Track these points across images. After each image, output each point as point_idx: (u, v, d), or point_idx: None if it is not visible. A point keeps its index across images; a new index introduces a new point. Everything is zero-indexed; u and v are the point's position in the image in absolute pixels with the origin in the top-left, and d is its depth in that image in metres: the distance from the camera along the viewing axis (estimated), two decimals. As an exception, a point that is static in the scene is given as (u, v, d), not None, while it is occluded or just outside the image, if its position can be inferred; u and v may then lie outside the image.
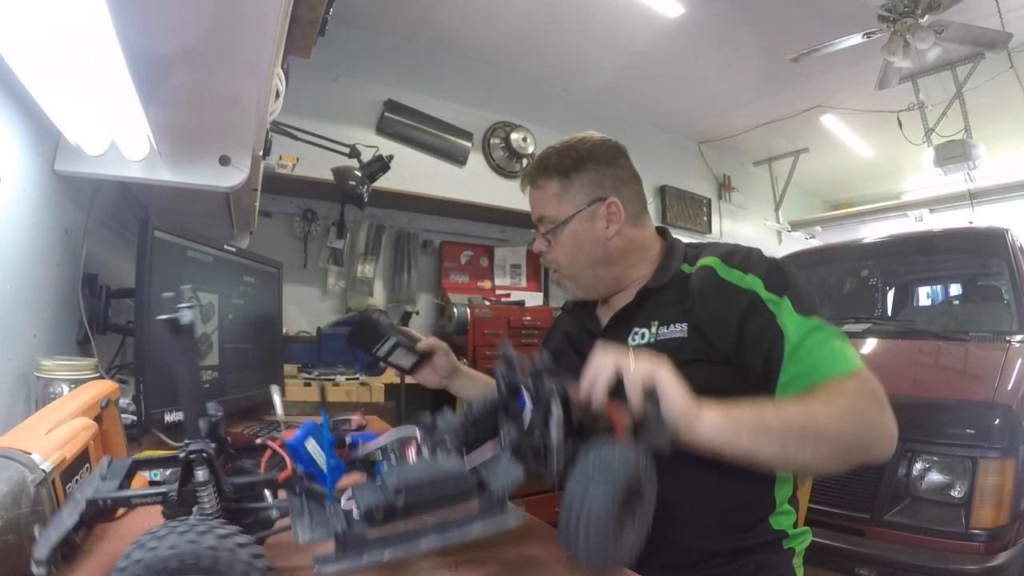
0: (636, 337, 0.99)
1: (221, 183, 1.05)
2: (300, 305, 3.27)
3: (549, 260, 1.06)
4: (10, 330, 0.89)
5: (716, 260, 0.96)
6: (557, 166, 1.03)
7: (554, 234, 1.02)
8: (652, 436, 0.62)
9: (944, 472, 1.67)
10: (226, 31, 0.79)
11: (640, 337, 0.98)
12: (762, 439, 0.68)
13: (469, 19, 3.48)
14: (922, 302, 3.18)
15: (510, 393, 0.65)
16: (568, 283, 1.06)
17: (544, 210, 1.04)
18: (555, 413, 0.58)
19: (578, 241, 1.02)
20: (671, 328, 0.95)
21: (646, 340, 0.97)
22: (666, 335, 0.95)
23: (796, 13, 3.35)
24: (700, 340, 0.91)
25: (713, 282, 0.93)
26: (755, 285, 0.89)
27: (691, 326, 0.92)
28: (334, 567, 0.46)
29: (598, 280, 1.05)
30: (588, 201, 1.01)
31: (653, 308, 0.99)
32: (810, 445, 0.70)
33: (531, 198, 1.06)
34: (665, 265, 1.03)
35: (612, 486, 0.52)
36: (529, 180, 1.07)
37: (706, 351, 0.90)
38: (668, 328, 0.95)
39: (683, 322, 0.93)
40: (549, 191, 1.03)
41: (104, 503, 0.49)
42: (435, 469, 0.54)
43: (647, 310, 1.00)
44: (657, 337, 0.96)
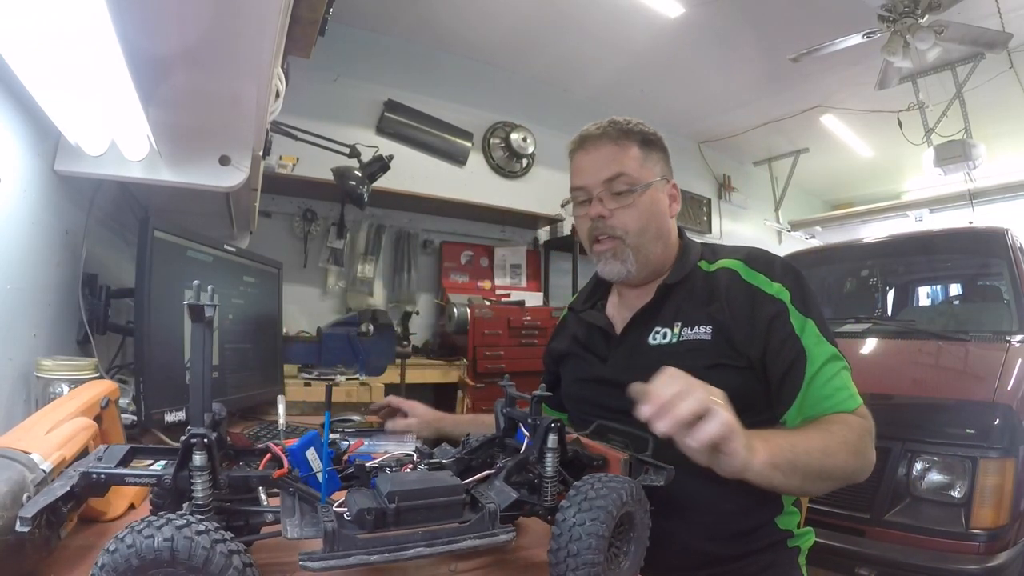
0: (657, 336, 0.97)
1: (221, 183, 1.05)
2: (300, 305, 3.27)
3: (612, 225, 0.98)
4: (10, 330, 0.89)
5: (739, 263, 0.96)
6: (640, 133, 1.00)
7: (632, 196, 0.97)
8: (651, 476, 0.63)
9: (944, 472, 1.67)
10: (226, 31, 0.79)
11: (662, 337, 0.96)
12: (791, 478, 0.73)
13: (469, 19, 3.48)
14: (922, 302, 3.17)
15: (509, 427, 0.69)
16: (627, 253, 0.99)
17: (624, 168, 0.97)
18: (551, 445, 0.61)
19: (654, 210, 0.99)
20: (695, 330, 0.93)
21: (668, 340, 0.95)
22: (690, 336, 0.93)
23: (796, 13, 3.35)
24: (724, 343, 0.90)
25: (738, 285, 0.93)
26: (783, 296, 0.91)
27: (715, 329, 0.91)
28: (320, 564, 0.46)
29: (655, 258, 1.01)
30: (661, 175, 1.01)
31: (676, 307, 0.97)
32: (823, 482, 0.79)
33: (603, 155, 0.99)
34: (682, 260, 1.02)
35: (603, 512, 0.52)
36: (609, 137, 0.99)
37: (729, 355, 0.90)
38: (692, 330, 0.93)
39: (708, 324, 0.92)
40: (632, 152, 0.98)
41: (97, 477, 0.49)
42: (429, 479, 0.55)
43: (669, 308, 0.98)
44: (680, 338, 0.94)
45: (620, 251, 0.99)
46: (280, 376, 1.68)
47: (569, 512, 0.53)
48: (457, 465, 0.63)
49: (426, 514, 0.52)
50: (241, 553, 0.43)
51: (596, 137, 1.00)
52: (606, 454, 0.66)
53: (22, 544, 0.48)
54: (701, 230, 5.27)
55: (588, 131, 1.02)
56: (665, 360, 0.87)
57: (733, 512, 0.90)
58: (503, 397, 0.72)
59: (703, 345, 0.92)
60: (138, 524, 0.41)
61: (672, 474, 0.63)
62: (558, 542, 0.52)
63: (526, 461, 0.64)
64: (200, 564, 0.40)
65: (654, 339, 0.97)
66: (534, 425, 0.63)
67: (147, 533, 0.40)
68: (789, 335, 0.88)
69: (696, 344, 0.92)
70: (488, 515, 0.53)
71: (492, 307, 3.33)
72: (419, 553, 0.50)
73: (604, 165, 0.98)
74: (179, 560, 0.40)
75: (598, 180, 0.98)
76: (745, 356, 0.90)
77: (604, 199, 0.98)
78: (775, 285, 0.91)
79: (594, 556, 0.51)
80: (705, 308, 0.94)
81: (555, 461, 0.61)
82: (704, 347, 0.92)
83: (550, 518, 0.58)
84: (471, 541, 0.52)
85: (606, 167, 0.98)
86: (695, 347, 0.92)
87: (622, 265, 0.99)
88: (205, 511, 0.49)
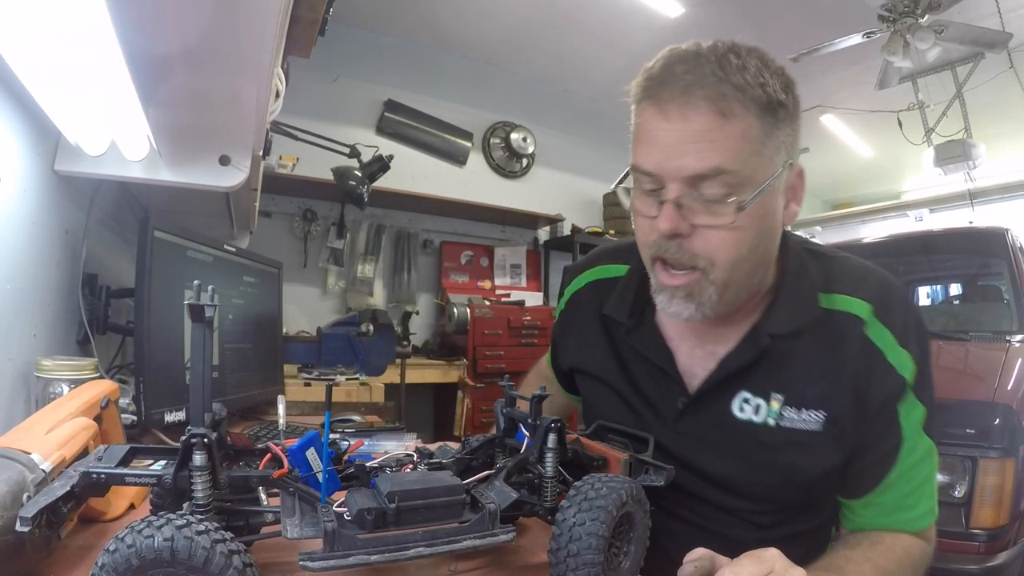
0: (747, 408, 0.71)
1: (221, 183, 1.05)
2: (300, 305, 3.27)
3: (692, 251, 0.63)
4: (10, 330, 0.89)
5: (867, 308, 0.69)
6: (764, 94, 0.59)
7: (732, 207, 0.60)
8: (651, 476, 0.63)
9: (944, 472, 1.67)
10: (226, 31, 0.79)
11: (753, 411, 0.70)
12: None
13: (469, 19, 3.48)
14: (922, 302, 3.17)
15: (509, 427, 0.69)
16: (708, 293, 0.65)
17: (730, 158, 0.59)
18: (551, 445, 0.61)
19: (763, 228, 0.64)
20: (802, 414, 0.68)
21: (762, 420, 0.70)
22: (794, 423, 0.68)
23: (796, 13, 3.35)
24: (834, 438, 0.68)
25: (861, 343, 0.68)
26: (906, 372, 0.67)
27: (830, 418, 0.68)
28: (320, 564, 0.46)
29: (746, 295, 0.69)
30: (785, 161, 0.63)
31: (778, 368, 0.69)
32: None
33: (696, 128, 0.59)
34: (789, 294, 0.70)
35: (603, 512, 0.52)
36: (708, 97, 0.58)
37: (834, 455, 0.69)
38: (799, 413, 0.68)
39: (820, 409, 0.68)
40: (746, 127, 0.59)
41: (97, 477, 0.49)
42: (429, 479, 0.55)
43: (767, 366, 0.70)
44: (781, 421, 0.69)
45: (699, 291, 0.65)
46: (280, 376, 1.68)
47: (569, 512, 0.53)
48: (457, 465, 0.63)
49: (426, 514, 0.52)
50: (241, 553, 0.43)
51: (686, 90, 0.59)
52: (606, 454, 0.66)
53: (22, 544, 0.48)
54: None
55: (674, 72, 0.60)
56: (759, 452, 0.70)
57: None
58: (503, 397, 0.73)
59: (810, 440, 0.68)
60: (138, 524, 0.41)
61: (672, 474, 0.63)
62: (558, 542, 0.52)
63: (526, 461, 0.64)
64: (200, 564, 0.40)
65: (741, 411, 0.71)
66: (534, 425, 0.63)
67: (147, 533, 0.40)
68: (892, 424, 0.68)
69: (803, 437, 0.68)
70: (488, 515, 0.53)
71: (492, 307, 3.33)
72: (419, 553, 0.50)
73: (694, 148, 0.59)
74: (179, 560, 0.40)
75: (679, 173, 0.60)
76: (848, 448, 0.69)
77: (686, 205, 0.61)
78: (902, 353, 0.67)
79: (594, 556, 0.51)
80: (818, 379, 0.68)
81: (555, 461, 0.62)
82: (810, 442, 0.68)
83: (550, 518, 0.58)
84: (471, 541, 0.52)
85: (697, 153, 0.59)
86: (800, 441, 0.68)
87: (696, 309, 0.66)
88: (205, 511, 0.49)
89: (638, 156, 0.65)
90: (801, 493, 0.72)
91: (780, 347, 0.69)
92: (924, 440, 0.69)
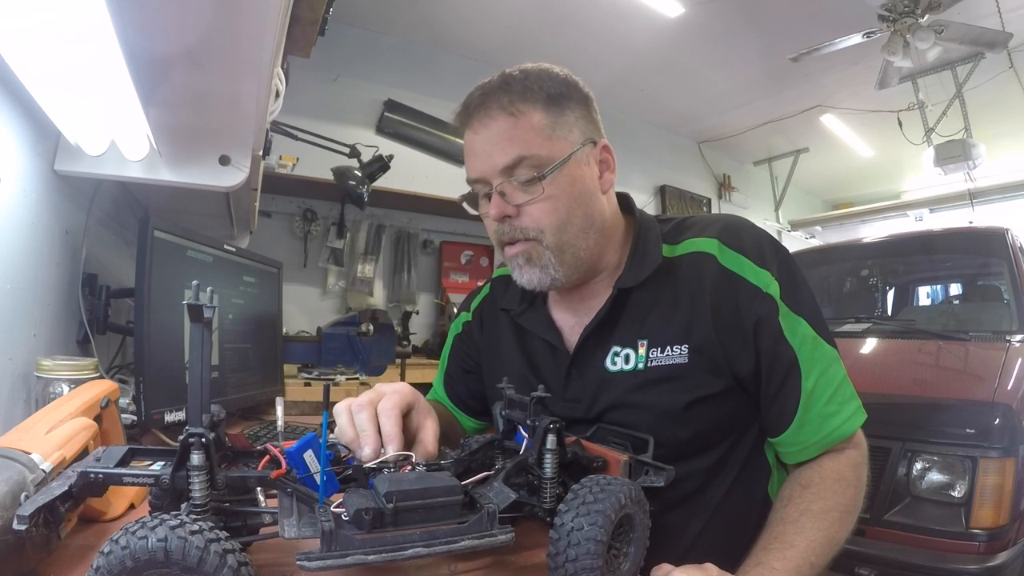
0: (618, 360, 0.78)
1: (221, 183, 1.05)
2: (300, 305, 3.27)
3: (522, 226, 0.75)
4: (10, 330, 0.89)
5: (714, 242, 0.76)
6: (542, 92, 0.74)
7: (542, 183, 0.72)
8: (651, 477, 0.64)
9: (944, 472, 1.67)
10: (226, 31, 0.79)
11: (623, 360, 0.77)
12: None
13: (469, 19, 3.48)
14: (922, 302, 3.17)
15: (508, 428, 0.69)
16: (546, 256, 0.76)
17: (526, 147, 0.72)
18: (550, 447, 0.61)
19: (575, 193, 0.75)
20: (667, 351, 0.75)
21: (632, 365, 0.76)
22: (660, 360, 0.75)
23: (796, 13, 3.35)
24: (702, 366, 0.74)
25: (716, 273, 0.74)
26: (772, 289, 0.73)
27: (693, 348, 0.74)
28: (317, 564, 0.46)
29: (588, 254, 0.78)
30: (582, 140, 0.76)
31: (639, 317, 0.77)
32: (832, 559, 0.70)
33: (496, 134, 0.73)
34: (640, 250, 0.79)
35: (601, 516, 0.52)
36: (499, 105, 0.73)
37: (710, 381, 0.74)
38: (663, 351, 0.75)
39: (682, 343, 0.74)
40: (534, 120, 0.73)
41: (95, 476, 0.49)
42: (427, 479, 0.55)
43: (630, 320, 0.78)
44: (649, 363, 0.76)
45: (537, 255, 0.76)
46: (280, 376, 1.68)
47: (567, 516, 0.53)
48: (456, 467, 0.62)
49: (424, 514, 0.52)
50: (236, 552, 0.43)
51: (483, 108, 0.74)
52: (606, 456, 0.66)
53: (22, 544, 0.48)
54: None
55: (471, 98, 0.76)
56: (632, 394, 0.76)
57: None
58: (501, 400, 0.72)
59: (678, 372, 0.74)
60: (132, 525, 0.41)
61: (672, 474, 0.63)
62: (556, 547, 0.52)
63: (525, 462, 0.63)
64: (194, 564, 0.40)
65: (613, 363, 0.78)
66: (533, 426, 0.63)
67: (141, 534, 0.40)
68: (779, 341, 0.73)
69: (669, 372, 0.74)
70: (487, 516, 0.53)
71: (492, 307, 3.33)
72: (417, 553, 0.49)
73: (499, 147, 0.73)
74: (173, 560, 0.40)
75: (494, 169, 0.74)
76: (728, 375, 0.74)
77: (507, 192, 0.74)
78: (763, 274, 0.73)
79: (592, 561, 0.51)
80: (677, 317, 0.75)
81: (554, 462, 0.61)
82: (680, 375, 0.74)
83: (549, 520, 0.58)
84: (469, 541, 0.52)
85: (501, 150, 0.73)
86: (668, 375, 0.75)
87: (543, 273, 0.76)
88: (203, 511, 0.49)
89: (467, 171, 0.79)
90: (681, 427, 0.75)
91: (639, 300, 0.78)
92: (823, 347, 0.74)
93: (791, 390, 0.74)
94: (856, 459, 0.77)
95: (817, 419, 0.74)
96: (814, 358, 0.74)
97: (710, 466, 0.79)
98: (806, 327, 0.74)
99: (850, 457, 0.77)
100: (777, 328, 0.73)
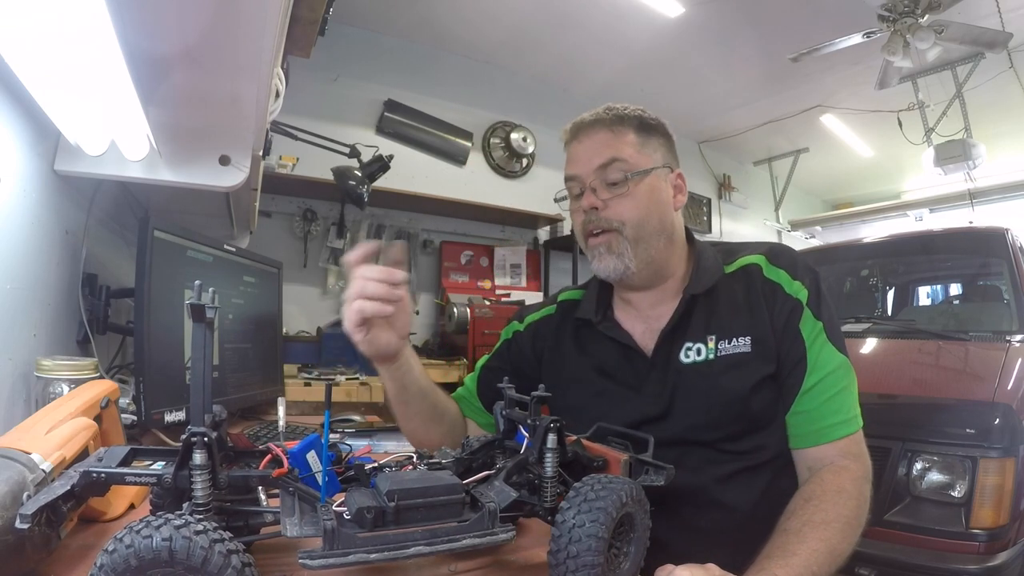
0: (691, 353, 0.89)
1: (221, 183, 1.05)
2: (300, 305, 3.27)
3: (607, 217, 0.90)
4: (10, 330, 0.89)
5: (761, 258, 0.92)
6: (637, 119, 0.94)
7: (629, 183, 0.89)
8: (651, 476, 0.64)
9: (944, 472, 1.67)
10: (226, 31, 0.79)
11: (696, 353, 0.89)
12: None
13: (469, 19, 3.48)
14: (922, 302, 3.17)
15: (509, 428, 0.70)
16: (624, 246, 0.90)
17: (620, 152, 0.90)
18: (550, 446, 0.61)
19: (654, 199, 0.91)
20: (734, 343, 0.87)
21: (704, 357, 0.88)
22: (728, 351, 0.87)
23: (796, 13, 3.34)
24: (764, 354, 0.86)
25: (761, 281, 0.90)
26: (801, 295, 0.88)
27: (755, 339, 0.87)
28: (319, 562, 0.46)
29: (658, 255, 0.92)
30: (663, 162, 0.94)
31: (706, 317, 0.91)
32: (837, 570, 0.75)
33: (597, 142, 0.93)
34: (702, 266, 0.94)
35: (602, 514, 0.52)
36: (603, 123, 0.93)
37: (765, 365, 0.86)
38: (730, 343, 0.87)
39: (746, 335, 0.87)
40: (628, 137, 0.92)
41: (98, 476, 0.49)
42: (428, 478, 0.55)
43: (699, 319, 0.91)
44: (718, 352, 0.88)
45: (616, 244, 0.90)
46: (280, 376, 1.68)
47: (569, 514, 0.53)
48: (457, 466, 0.63)
49: (426, 513, 0.52)
50: (240, 552, 0.43)
51: (589, 124, 0.95)
52: (606, 455, 0.66)
53: (22, 543, 0.48)
54: (701, 230, 5.26)
55: (582, 119, 0.97)
56: (705, 380, 0.87)
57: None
58: (501, 399, 0.73)
59: (745, 359, 0.87)
60: (137, 524, 0.41)
61: (672, 474, 0.63)
62: (558, 543, 0.52)
63: (526, 462, 0.64)
64: (198, 564, 0.41)
65: (687, 356, 0.89)
66: (533, 426, 0.63)
67: (145, 533, 0.40)
68: (796, 337, 0.86)
69: (737, 359, 0.87)
70: (488, 514, 0.53)
71: (492, 307, 3.33)
72: (419, 552, 0.50)
73: (597, 152, 0.92)
74: (177, 560, 0.40)
75: (590, 168, 0.92)
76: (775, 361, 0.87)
77: (598, 188, 0.91)
78: (795, 284, 0.89)
79: (594, 557, 0.51)
80: (738, 315, 0.89)
81: (555, 461, 0.62)
82: (746, 361, 0.86)
83: (550, 519, 0.58)
84: (471, 540, 0.52)
85: (598, 154, 0.91)
86: (736, 362, 0.87)
87: (619, 260, 0.90)
88: (205, 511, 0.49)
89: (567, 171, 0.97)
90: (745, 407, 0.86)
91: (705, 304, 0.91)
92: (834, 355, 0.86)
93: (795, 381, 0.86)
94: (857, 473, 0.83)
95: (811, 413, 0.85)
96: (821, 359, 0.85)
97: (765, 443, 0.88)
98: (820, 332, 0.86)
99: (851, 472, 0.82)
100: (798, 328, 0.87)
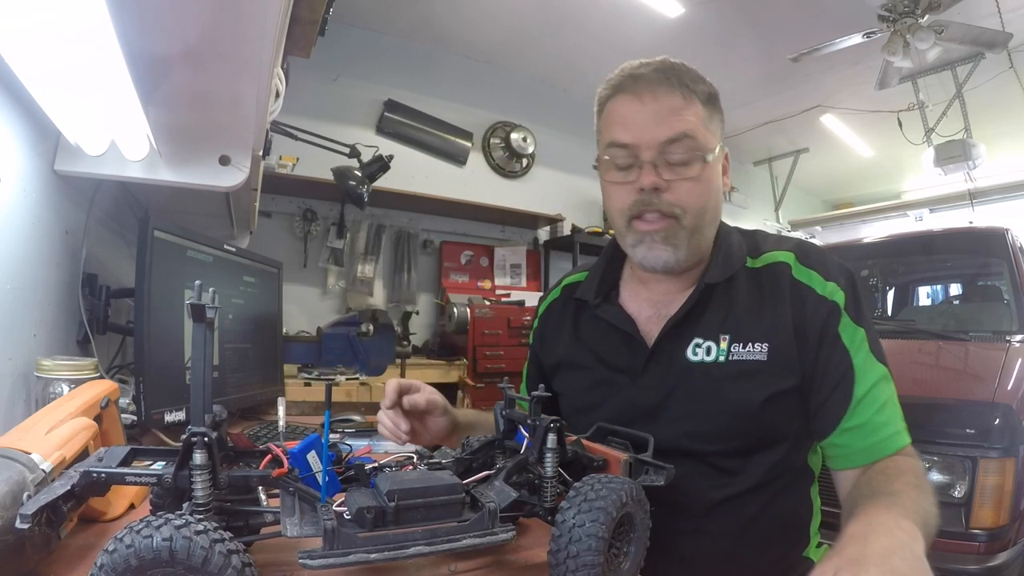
0: (699, 351, 0.79)
1: (221, 183, 1.05)
2: (300, 305, 3.27)
3: (669, 201, 0.76)
4: (10, 330, 0.89)
5: (790, 256, 0.81)
6: (704, 86, 0.80)
7: (697, 167, 0.76)
8: (651, 476, 0.64)
9: (944, 472, 1.67)
10: (226, 31, 0.79)
11: (705, 352, 0.79)
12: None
13: (469, 19, 3.48)
14: (922, 302, 3.17)
15: (509, 428, 0.70)
16: (681, 237, 0.78)
17: (692, 128, 0.75)
18: (550, 446, 0.61)
19: (715, 185, 0.80)
20: (749, 348, 0.77)
21: (713, 357, 0.78)
22: (741, 356, 0.77)
23: (796, 13, 3.35)
24: (781, 366, 0.76)
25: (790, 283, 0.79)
26: (837, 297, 0.77)
27: (772, 347, 0.76)
28: (319, 562, 0.46)
29: (705, 246, 0.83)
30: (719, 143, 0.80)
31: (722, 313, 0.80)
32: None
33: (666, 108, 0.76)
34: (724, 252, 0.83)
35: (602, 513, 0.52)
36: (671, 84, 0.76)
37: (785, 379, 0.76)
38: (745, 347, 0.77)
39: (763, 341, 0.77)
40: (696, 109, 0.77)
41: (98, 476, 0.49)
42: (428, 478, 0.55)
43: (714, 315, 0.80)
44: (730, 356, 0.77)
45: (674, 234, 0.77)
46: (280, 376, 1.68)
47: (569, 513, 0.53)
48: (457, 466, 0.63)
49: (426, 513, 0.52)
50: (240, 552, 0.43)
51: (653, 81, 0.77)
52: (606, 455, 0.66)
53: (22, 543, 0.48)
54: (701, 230, 5.27)
55: (638, 71, 0.79)
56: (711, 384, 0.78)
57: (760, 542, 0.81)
58: (502, 399, 0.73)
59: (759, 369, 0.76)
60: (137, 524, 0.41)
61: (672, 473, 0.63)
62: (558, 543, 0.52)
63: (526, 462, 0.64)
64: (199, 564, 0.41)
65: (694, 354, 0.79)
66: (533, 426, 0.63)
67: (146, 533, 0.40)
68: (837, 345, 0.76)
69: (750, 368, 0.77)
70: (488, 514, 0.53)
71: (492, 307, 3.33)
72: (419, 551, 0.50)
73: (665, 121, 0.75)
74: (178, 560, 0.40)
75: (655, 140, 0.75)
76: (799, 374, 0.77)
77: (659, 165, 0.76)
78: (829, 285, 0.77)
79: (594, 557, 0.51)
80: (759, 318, 0.78)
81: (555, 461, 0.62)
82: (760, 371, 0.76)
83: (550, 519, 0.58)
84: (471, 540, 0.52)
85: (667, 124, 0.75)
86: (748, 371, 0.77)
87: (674, 253, 0.78)
88: (205, 511, 0.49)
89: (615, 134, 0.79)
90: (754, 423, 0.77)
91: (722, 297, 0.80)
92: (876, 365, 0.77)
93: (843, 393, 0.76)
94: (917, 465, 0.75)
95: (865, 427, 0.75)
96: (867, 368, 0.76)
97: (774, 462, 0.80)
98: (863, 339, 0.77)
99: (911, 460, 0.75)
100: (837, 333, 0.76)
